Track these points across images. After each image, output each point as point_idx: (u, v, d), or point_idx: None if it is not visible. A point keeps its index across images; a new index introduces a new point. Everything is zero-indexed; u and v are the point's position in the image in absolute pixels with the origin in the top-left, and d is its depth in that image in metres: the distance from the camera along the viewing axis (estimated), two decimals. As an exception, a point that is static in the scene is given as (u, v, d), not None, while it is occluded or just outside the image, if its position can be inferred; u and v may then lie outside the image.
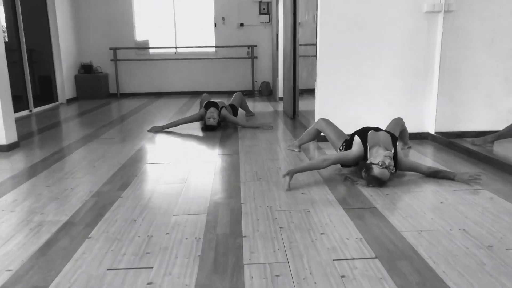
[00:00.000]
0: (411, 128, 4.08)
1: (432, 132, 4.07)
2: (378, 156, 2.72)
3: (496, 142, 3.42)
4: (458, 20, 3.67)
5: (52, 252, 1.93)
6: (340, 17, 3.85)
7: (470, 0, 3.54)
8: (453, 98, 3.87)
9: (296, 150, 3.77)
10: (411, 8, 3.86)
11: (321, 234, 2.07)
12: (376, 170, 2.68)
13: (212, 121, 4.72)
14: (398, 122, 3.40)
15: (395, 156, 2.86)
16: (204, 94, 5.64)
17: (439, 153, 3.60)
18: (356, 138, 2.95)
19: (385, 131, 3.00)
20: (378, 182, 2.70)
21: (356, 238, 2.02)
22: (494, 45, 3.35)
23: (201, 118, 4.89)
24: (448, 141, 3.76)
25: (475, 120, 3.66)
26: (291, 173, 2.74)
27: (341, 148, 3.21)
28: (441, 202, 2.47)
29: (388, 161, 2.67)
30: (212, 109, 4.80)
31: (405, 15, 3.88)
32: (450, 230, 2.09)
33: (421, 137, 4.12)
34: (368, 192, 2.66)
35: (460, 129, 3.85)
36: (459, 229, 2.09)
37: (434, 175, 2.90)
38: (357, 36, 3.90)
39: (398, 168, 2.90)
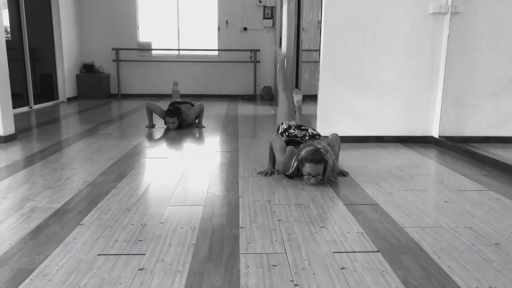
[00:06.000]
0: (415, 131, 4.01)
1: (436, 136, 4.00)
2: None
3: (498, 146, 3.34)
4: (465, 22, 3.62)
5: (42, 237, 1.86)
6: (345, 19, 3.80)
7: (477, 1, 3.48)
8: (458, 102, 3.81)
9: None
10: (417, 9, 3.82)
11: (321, 227, 2.00)
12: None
13: (171, 126, 4.70)
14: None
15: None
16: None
17: (443, 155, 3.53)
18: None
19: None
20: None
21: (357, 232, 1.94)
22: (500, 48, 3.29)
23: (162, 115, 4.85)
24: (452, 145, 3.69)
25: (481, 124, 3.59)
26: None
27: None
28: (445, 201, 2.39)
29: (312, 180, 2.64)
30: (173, 119, 4.69)
31: (410, 17, 3.83)
32: (456, 227, 2.01)
33: (424, 141, 4.05)
34: (370, 190, 2.59)
35: (465, 133, 3.78)
36: (465, 227, 2.02)
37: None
38: (361, 38, 3.85)
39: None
